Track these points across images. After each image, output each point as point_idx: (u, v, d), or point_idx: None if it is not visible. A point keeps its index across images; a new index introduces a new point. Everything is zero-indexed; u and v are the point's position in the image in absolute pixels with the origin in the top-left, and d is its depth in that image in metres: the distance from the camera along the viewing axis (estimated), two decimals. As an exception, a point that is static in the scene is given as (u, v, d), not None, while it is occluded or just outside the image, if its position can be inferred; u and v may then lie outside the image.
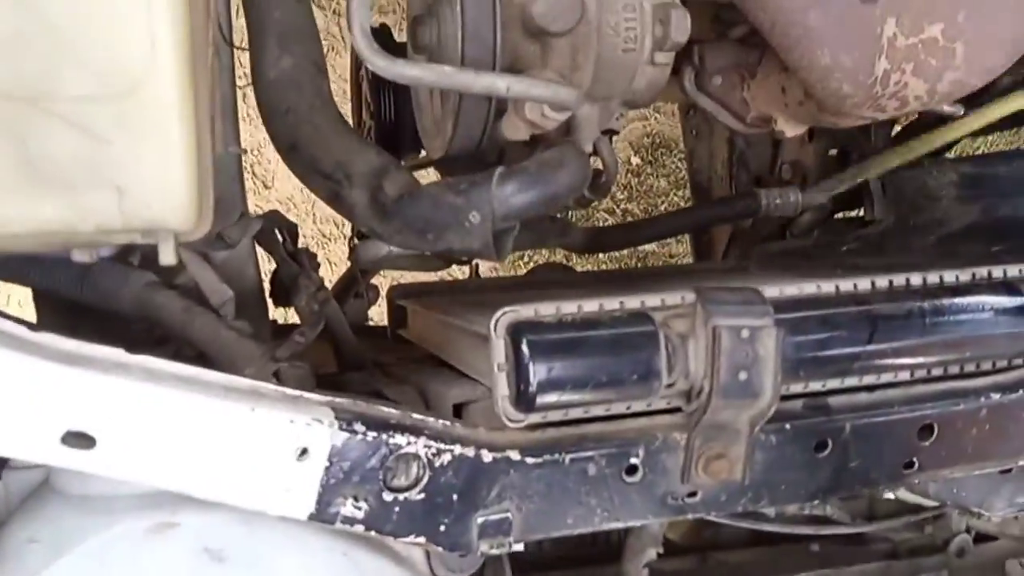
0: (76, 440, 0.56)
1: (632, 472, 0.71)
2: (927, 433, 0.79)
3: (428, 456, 0.65)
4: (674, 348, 0.69)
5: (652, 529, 0.87)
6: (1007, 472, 0.90)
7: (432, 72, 0.67)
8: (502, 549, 0.68)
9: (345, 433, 0.62)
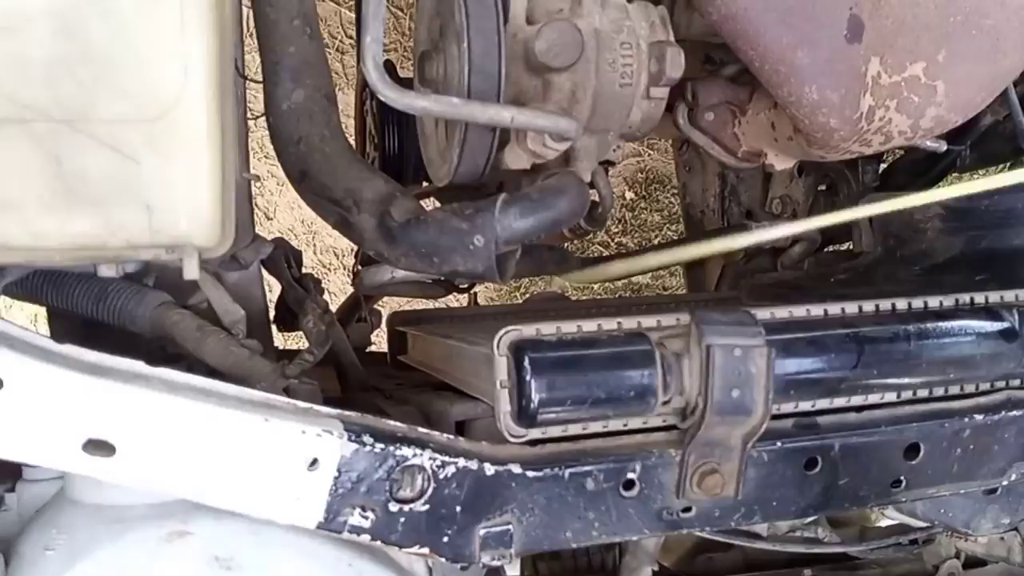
0: (97, 448, 0.58)
1: (629, 487, 0.73)
2: (913, 453, 0.82)
3: (432, 468, 0.67)
4: (669, 366, 0.72)
5: (647, 547, 0.89)
6: (992, 493, 0.92)
7: (440, 103, 0.71)
8: (503, 561, 0.70)
9: (354, 444, 0.64)
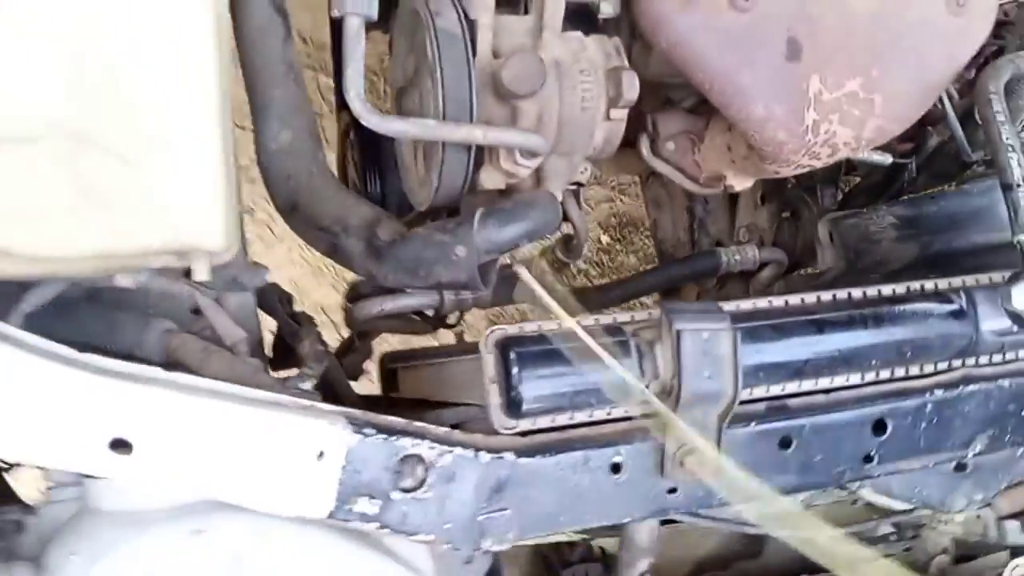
0: (117, 447, 0.63)
1: (617, 470, 0.78)
2: (881, 429, 0.87)
3: (431, 458, 0.72)
4: (643, 354, 0.78)
5: (641, 541, 0.93)
6: (963, 470, 0.97)
7: (418, 126, 0.78)
8: (504, 545, 0.74)
9: (358, 436, 0.69)
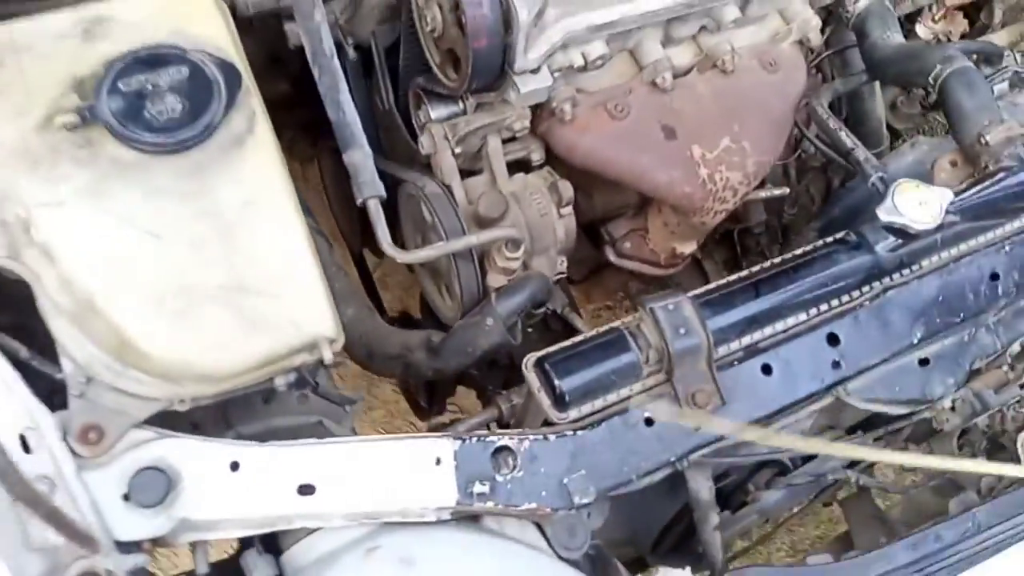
0: (304, 489, 0.90)
1: (650, 423, 1.03)
2: (835, 340, 1.13)
3: (516, 446, 0.98)
4: (635, 335, 1.06)
5: (704, 496, 1.13)
6: (927, 364, 1.20)
7: (433, 249, 1.12)
8: (589, 497, 0.98)
9: (459, 441, 0.96)
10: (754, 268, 1.19)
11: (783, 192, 1.56)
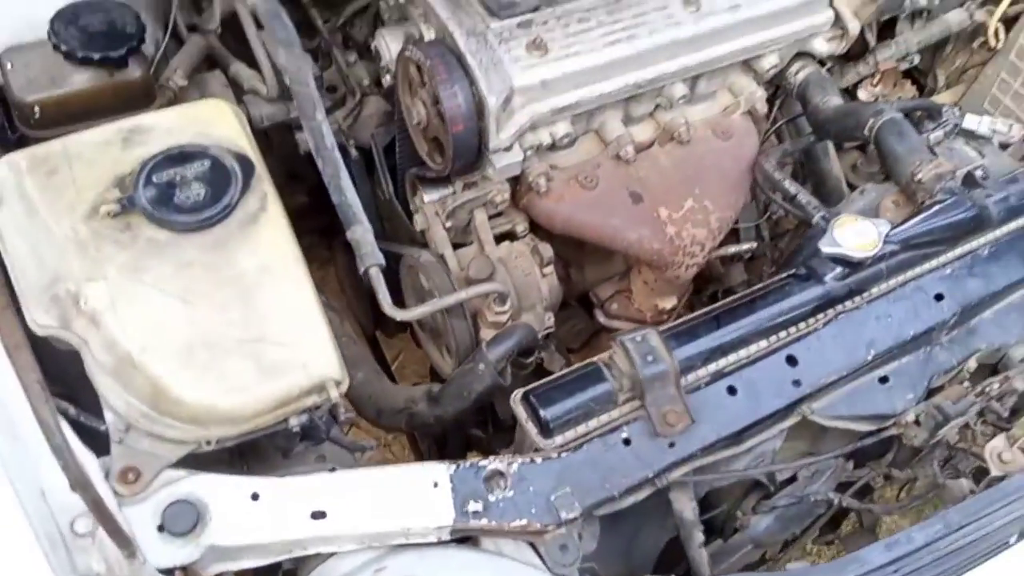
0: (317, 515, 1.01)
1: (628, 443, 1.13)
2: (793, 361, 1.22)
3: (506, 468, 1.08)
4: (610, 367, 1.17)
5: (688, 515, 1.21)
6: (886, 382, 1.29)
7: (429, 305, 1.25)
8: (574, 512, 1.07)
9: (454, 465, 1.06)
10: (716, 304, 1.31)
11: (751, 247, 1.69)
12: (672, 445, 1.15)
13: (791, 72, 1.61)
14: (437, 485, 1.05)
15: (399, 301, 1.48)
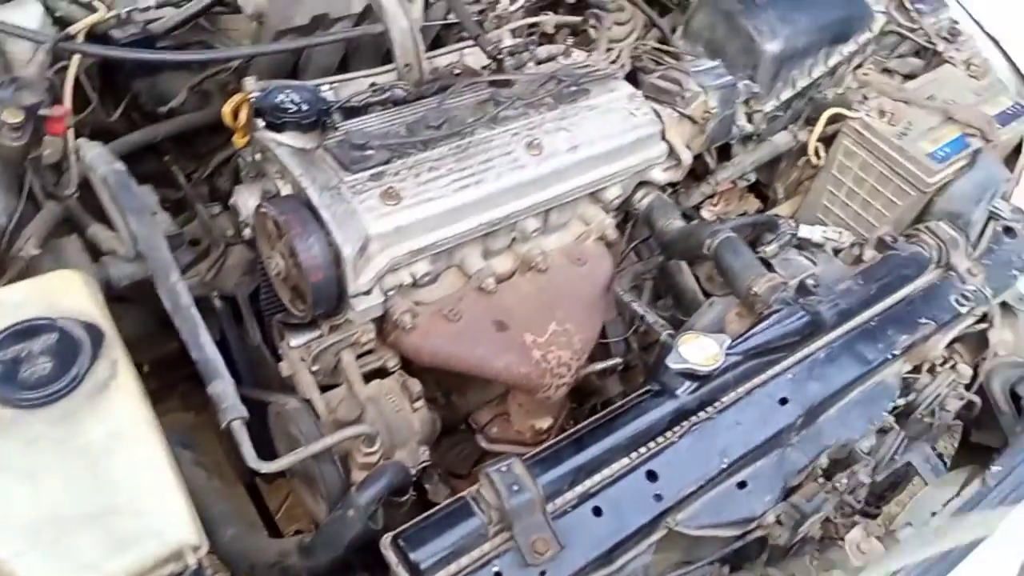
0: None
1: (499, 577, 1.14)
2: (653, 477, 1.27)
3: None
4: (478, 500, 1.18)
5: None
6: (744, 486, 1.35)
7: (292, 455, 1.25)
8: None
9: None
10: (578, 426, 1.35)
11: (616, 362, 1.76)
12: (543, 574, 1.16)
13: (636, 199, 1.73)
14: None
15: (272, 450, 1.48)
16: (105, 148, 1.29)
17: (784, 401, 1.41)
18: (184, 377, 1.75)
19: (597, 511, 1.23)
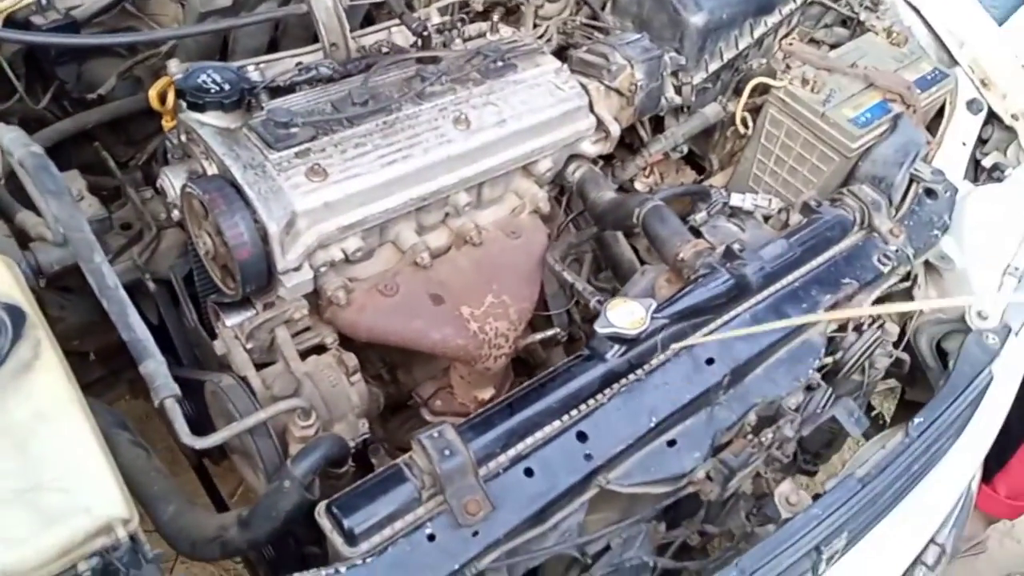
0: None
1: (432, 539, 1.16)
2: (583, 437, 1.30)
3: (309, 583, 1.08)
4: (411, 466, 1.20)
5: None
6: (673, 444, 1.38)
7: (225, 430, 1.25)
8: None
9: (254, 587, 1.05)
10: (509, 392, 1.38)
11: (555, 332, 1.79)
12: (476, 534, 1.18)
13: (568, 172, 1.76)
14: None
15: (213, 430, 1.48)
16: (21, 132, 1.28)
17: (711, 361, 1.44)
18: (131, 364, 1.75)
19: (529, 472, 1.26)
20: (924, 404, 1.81)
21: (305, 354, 1.50)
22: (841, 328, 1.70)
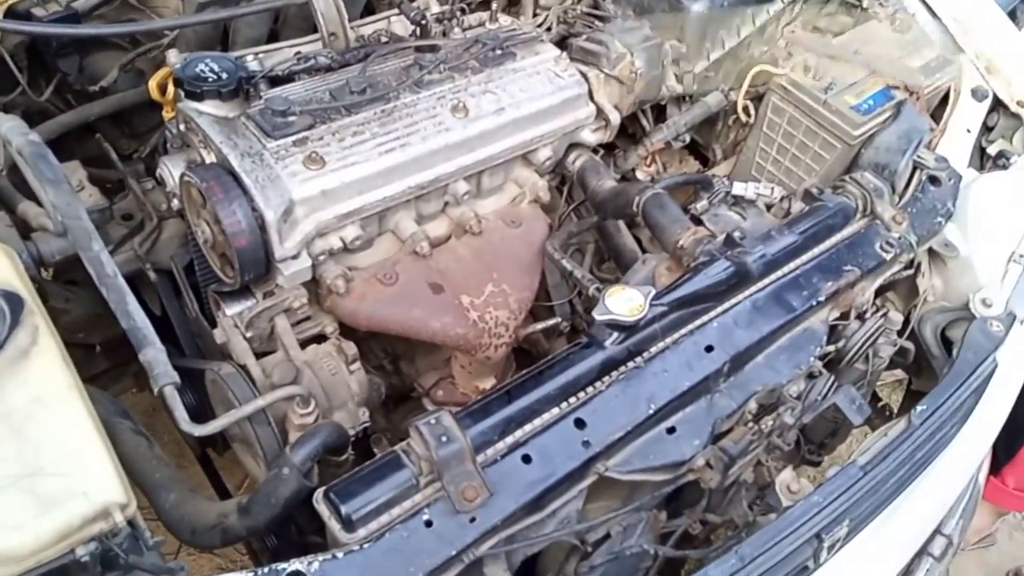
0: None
1: (430, 525, 1.16)
2: (582, 424, 1.30)
3: (306, 568, 1.09)
4: (408, 453, 1.21)
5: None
6: (673, 431, 1.38)
7: (224, 417, 1.26)
8: None
9: (251, 573, 1.06)
10: (508, 380, 1.37)
11: (556, 322, 1.79)
12: (473, 520, 1.18)
13: (568, 161, 1.76)
14: (232, 591, 1.05)
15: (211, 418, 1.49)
16: (20, 120, 1.29)
17: (710, 348, 1.44)
18: (136, 356, 1.76)
19: (527, 459, 1.25)
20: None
21: (306, 343, 1.51)
22: (843, 316, 1.69)
